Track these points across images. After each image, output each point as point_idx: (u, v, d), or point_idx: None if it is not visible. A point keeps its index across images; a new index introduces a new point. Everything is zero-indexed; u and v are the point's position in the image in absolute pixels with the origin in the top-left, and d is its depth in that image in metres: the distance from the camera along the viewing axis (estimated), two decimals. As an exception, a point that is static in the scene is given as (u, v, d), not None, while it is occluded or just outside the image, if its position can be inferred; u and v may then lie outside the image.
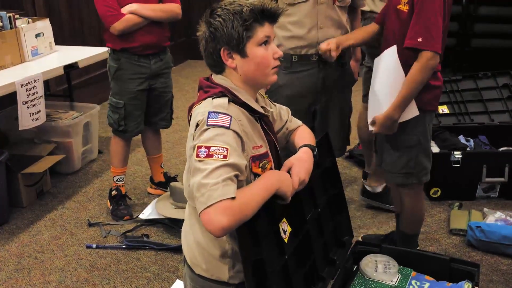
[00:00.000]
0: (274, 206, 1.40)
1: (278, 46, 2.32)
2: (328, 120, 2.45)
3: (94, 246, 2.64)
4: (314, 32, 2.26)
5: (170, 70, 2.92)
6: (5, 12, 3.11)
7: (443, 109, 3.49)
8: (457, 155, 2.90)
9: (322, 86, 2.35)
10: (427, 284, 1.77)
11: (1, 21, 3.08)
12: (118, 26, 2.63)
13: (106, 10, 2.62)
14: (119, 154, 2.92)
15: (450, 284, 1.75)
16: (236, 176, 1.26)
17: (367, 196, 2.96)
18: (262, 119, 1.47)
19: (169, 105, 2.98)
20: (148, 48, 2.73)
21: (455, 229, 2.68)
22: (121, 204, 2.93)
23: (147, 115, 2.91)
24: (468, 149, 3.06)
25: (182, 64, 6.28)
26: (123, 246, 2.63)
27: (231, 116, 1.31)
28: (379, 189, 2.92)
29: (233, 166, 1.24)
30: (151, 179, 3.19)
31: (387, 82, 2.02)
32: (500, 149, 3.13)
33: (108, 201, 3.00)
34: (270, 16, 1.37)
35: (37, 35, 3.30)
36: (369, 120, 2.11)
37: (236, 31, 1.34)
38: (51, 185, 3.25)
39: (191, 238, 1.46)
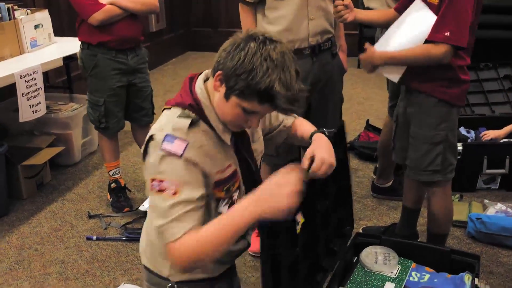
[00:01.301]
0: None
1: None
2: (323, 112, 2.45)
3: (94, 238, 2.64)
4: (305, 24, 2.24)
5: (146, 65, 2.88)
6: (3, 3, 3.09)
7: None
8: (458, 146, 2.89)
9: (316, 79, 2.34)
10: (427, 276, 1.76)
11: (0, 12, 3.06)
12: (98, 16, 2.57)
13: (84, 0, 2.57)
14: (107, 149, 2.90)
15: (450, 275, 1.75)
16: (192, 208, 1.22)
17: (377, 192, 2.98)
18: (236, 136, 1.35)
19: (150, 100, 2.94)
20: (125, 42, 2.69)
21: (456, 221, 2.67)
22: (120, 196, 2.93)
23: (130, 111, 2.88)
24: (469, 140, 3.06)
25: (181, 55, 6.26)
26: (123, 238, 2.63)
27: (187, 143, 1.22)
28: (389, 184, 2.95)
29: (184, 202, 1.21)
30: (151, 171, 3.18)
31: (405, 34, 1.95)
32: (501, 141, 3.12)
33: (108, 193, 3.00)
34: (275, 107, 1.20)
35: (36, 26, 3.28)
36: (367, 44, 2.02)
37: (236, 82, 1.17)
38: (51, 177, 3.24)
39: (145, 230, 1.48)
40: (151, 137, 1.26)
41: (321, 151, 1.34)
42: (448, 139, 2.04)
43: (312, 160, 1.33)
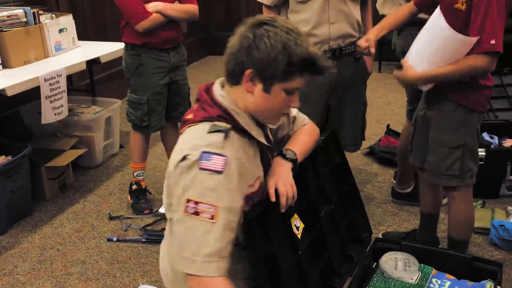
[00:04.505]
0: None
1: None
2: (342, 115, 2.44)
3: (114, 239, 2.67)
4: (326, 28, 2.25)
5: (185, 62, 2.97)
6: (29, 7, 3.16)
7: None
8: (481, 152, 2.85)
9: (336, 82, 2.34)
10: (448, 283, 1.74)
11: (26, 17, 3.13)
12: (144, 24, 2.66)
13: (136, 8, 2.65)
14: (138, 150, 2.94)
15: (472, 283, 1.73)
16: (229, 239, 1.15)
17: (397, 197, 2.95)
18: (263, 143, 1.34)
19: (187, 98, 3.02)
20: (167, 42, 2.77)
21: (478, 228, 2.63)
22: (141, 198, 2.96)
23: (168, 109, 2.93)
24: (492, 146, 3.01)
25: (202, 59, 6.30)
26: (143, 240, 2.65)
27: (226, 157, 1.16)
28: (409, 189, 2.91)
29: (222, 226, 1.14)
30: (171, 174, 3.21)
31: (438, 47, 1.87)
32: (526, 147, 3.06)
33: (129, 195, 3.03)
34: (314, 72, 1.23)
35: (60, 31, 3.34)
36: (403, 61, 1.96)
37: (276, 66, 1.17)
38: (73, 178, 3.29)
39: (166, 263, 1.40)
40: (183, 158, 1.17)
41: (279, 181, 1.29)
42: (468, 144, 2.01)
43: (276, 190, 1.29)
